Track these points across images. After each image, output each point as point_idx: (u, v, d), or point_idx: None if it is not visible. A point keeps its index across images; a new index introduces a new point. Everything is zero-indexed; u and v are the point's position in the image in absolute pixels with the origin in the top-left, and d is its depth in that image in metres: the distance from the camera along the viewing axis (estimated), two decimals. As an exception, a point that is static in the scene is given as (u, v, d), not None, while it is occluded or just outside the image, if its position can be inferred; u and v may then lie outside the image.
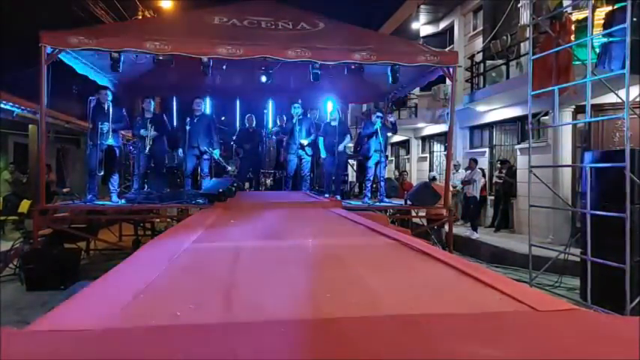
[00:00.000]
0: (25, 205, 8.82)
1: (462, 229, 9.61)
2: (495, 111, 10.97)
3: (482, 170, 10.76)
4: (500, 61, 10.63)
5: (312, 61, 6.97)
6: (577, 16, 7.04)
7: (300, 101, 8.79)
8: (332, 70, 7.63)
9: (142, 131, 7.28)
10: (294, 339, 1.30)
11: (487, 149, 11.79)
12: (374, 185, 8.01)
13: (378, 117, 7.58)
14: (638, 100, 5.48)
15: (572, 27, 6.12)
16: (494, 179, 10.57)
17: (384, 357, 1.18)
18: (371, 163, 7.66)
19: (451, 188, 8.85)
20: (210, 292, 1.83)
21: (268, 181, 9.31)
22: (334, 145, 7.95)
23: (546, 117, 7.85)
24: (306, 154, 8.18)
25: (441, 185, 8.42)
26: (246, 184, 9.09)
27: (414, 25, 15.07)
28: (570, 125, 8.42)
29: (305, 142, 8.03)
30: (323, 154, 8.11)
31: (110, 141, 6.80)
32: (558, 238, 7.92)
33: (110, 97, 6.92)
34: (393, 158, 17.99)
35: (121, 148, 7.64)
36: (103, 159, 6.76)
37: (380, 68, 7.39)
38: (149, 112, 7.46)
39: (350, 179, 10.51)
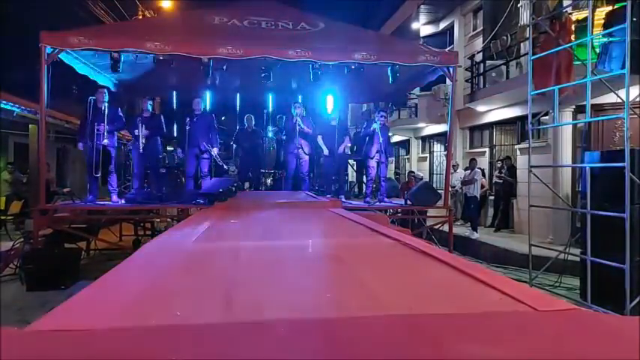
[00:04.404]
0: (17, 206, 8.82)
1: (462, 229, 9.61)
2: (495, 111, 10.97)
3: (482, 170, 10.76)
4: (500, 61, 10.63)
5: (312, 61, 6.97)
6: (577, 16, 7.03)
7: (300, 101, 8.78)
8: (332, 70, 7.62)
9: (136, 131, 7.27)
10: (294, 339, 1.30)
11: (487, 149, 11.79)
12: (374, 185, 8.01)
13: (381, 117, 7.58)
14: (638, 100, 5.48)
15: (572, 27, 6.11)
16: (494, 179, 10.57)
17: (384, 357, 1.18)
18: (373, 163, 7.66)
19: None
20: (210, 292, 1.83)
21: (268, 181, 9.31)
22: (334, 145, 7.93)
23: (546, 117, 7.85)
24: (305, 152, 8.16)
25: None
26: (246, 184, 9.09)
27: (414, 25, 15.06)
28: (570, 125, 8.42)
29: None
30: (325, 152, 8.09)
31: (105, 141, 6.76)
32: (558, 238, 7.92)
33: (107, 98, 6.90)
34: (393, 158, 17.99)
35: (120, 149, 7.61)
36: (99, 159, 6.72)
37: (380, 68, 7.38)
38: (147, 112, 7.46)
39: (350, 179, 10.50)
